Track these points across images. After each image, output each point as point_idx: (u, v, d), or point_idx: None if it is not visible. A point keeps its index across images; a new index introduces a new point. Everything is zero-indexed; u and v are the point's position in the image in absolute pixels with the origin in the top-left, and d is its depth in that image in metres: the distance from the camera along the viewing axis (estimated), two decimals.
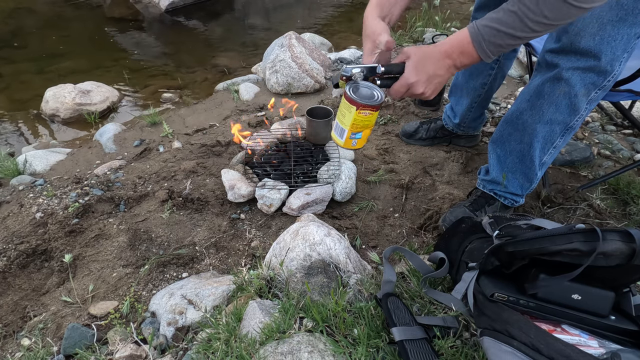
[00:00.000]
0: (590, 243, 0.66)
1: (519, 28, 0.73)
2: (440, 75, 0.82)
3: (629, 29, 0.89)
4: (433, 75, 0.82)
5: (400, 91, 0.84)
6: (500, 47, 0.77)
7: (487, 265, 0.81)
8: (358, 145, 0.92)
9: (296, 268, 1.02)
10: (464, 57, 0.80)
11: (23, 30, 3.59)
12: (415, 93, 0.83)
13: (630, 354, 0.65)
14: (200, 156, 1.77)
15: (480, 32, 0.76)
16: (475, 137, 1.73)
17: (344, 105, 0.86)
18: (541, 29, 0.73)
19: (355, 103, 0.83)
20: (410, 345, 0.76)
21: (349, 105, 0.84)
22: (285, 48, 2.31)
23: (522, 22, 0.72)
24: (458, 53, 0.80)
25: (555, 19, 0.71)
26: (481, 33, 0.76)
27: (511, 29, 0.73)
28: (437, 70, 0.82)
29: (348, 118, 0.86)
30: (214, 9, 4.19)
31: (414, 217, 1.43)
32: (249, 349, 0.82)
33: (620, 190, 1.45)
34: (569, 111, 1.03)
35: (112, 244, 1.35)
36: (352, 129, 0.87)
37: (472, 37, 0.77)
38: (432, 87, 0.84)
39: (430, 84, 0.83)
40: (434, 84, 0.83)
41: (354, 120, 0.85)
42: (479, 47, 0.77)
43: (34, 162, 1.79)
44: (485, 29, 0.76)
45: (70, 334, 1.04)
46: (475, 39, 0.77)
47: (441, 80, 0.83)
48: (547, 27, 0.72)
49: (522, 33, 0.73)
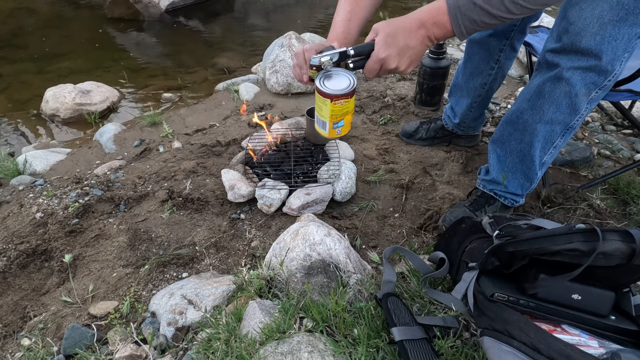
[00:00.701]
0: (590, 243, 0.66)
1: (495, 6, 0.72)
2: (412, 47, 0.79)
3: (630, 28, 0.89)
4: (404, 47, 0.79)
5: (374, 68, 0.81)
6: (475, 24, 0.75)
7: (487, 265, 0.81)
8: (343, 132, 0.91)
9: (296, 268, 1.02)
10: (437, 29, 0.78)
11: (23, 30, 3.59)
12: (389, 68, 0.81)
13: (630, 354, 0.65)
14: (200, 156, 1.77)
15: (457, 3, 0.75)
16: (475, 137, 1.73)
17: (319, 98, 0.84)
18: (517, 11, 0.72)
19: (329, 95, 0.81)
20: (410, 345, 0.76)
21: (322, 99, 0.83)
22: (285, 48, 2.31)
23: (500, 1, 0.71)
24: (431, 23, 0.77)
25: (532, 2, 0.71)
26: (458, 5, 0.75)
27: (488, 4, 0.72)
28: (409, 42, 0.79)
29: (325, 111, 0.85)
30: (214, 9, 4.19)
31: (414, 217, 1.43)
32: (249, 349, 0.82)
33: (620, 190, 1.45)
34: (570, 111, 1.03)
35: (112, 244, 1.36)
36: (332, 119, 0.86)
37: (449, 8, 0.75)
38: (406, 61, 0.81)
39: (403, 57, 0.80)
40: (407, 56, 0.80)
41: (332, 111, 0.84)
42: (454, 19, 0.75)
43: (34, 162, 1.79)
44: (464, 1, 0.74)
45: (70, 334, 1.04)
46: (451, 11, 0.75)
47: (414, 52, 0.80)
48: (523, 10, 0.72)
49: (498, 12, 0.73)
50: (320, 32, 3.22)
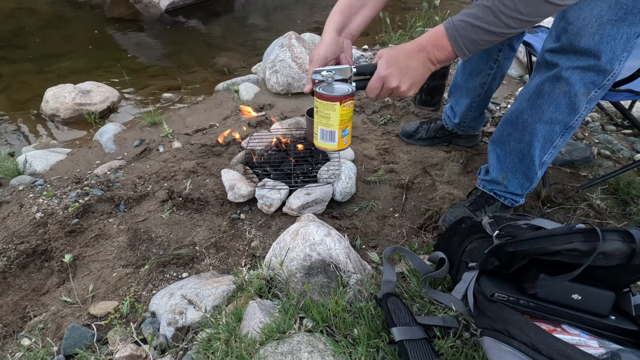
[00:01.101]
0: (590, 243, 0.66)
1: (493, 23, 0.73)
2: (413, 68, 0.81)
3: (629, 28, 0.89)
4: (406, 68, 0.81)
5: (375, 86, 0.83)
6: (476, 43, 0.76)
7: (487, 265, 0.81)
8: (349, 142, 0.93)
9: (296, 268, 1.02)
10: (438, 51, 0.79)
11: (23, 30, 3.59)
12: (390, 87, 0.82)
13: (630, 354, 0.65)
14: (200, 156, 1.77)
15: (455, 26, 0.76)
16: (475, 137, 1.73)
17: (324, 106, 0.85)
18: (516, 25, 0.72)
19: (337, 98, 0.83)
20: (410, 345, 0.76)
21: (330, 104, 0.84)
22: (285, 48, 2.31)
23: (497, 17, 0.72)
24: (432, 46, 0.79)
25: (530, 14, 0.70)
26: (456, 28, 0.76)
27: (485, 23, 0.73)
28: (410, 63, 0.81)
29: (334, 117, 0.85)
30: (214, 9, 4.19)
31: (414, 217, 1.43)
32: (249, 349, 0.82)
33: (620, 190, 1.45)
34: (569, 110, 1.03)
35: (112, 244, 1.36)
36: (341, 126, 0.87)
37: (447, 32, 0.77)
38: (407, 81, 0.82)
39: (405, 76, 0.81)
40: (408, 77, 0.81)
41: (341, 116, 0.85)
42: (454, 41, 0.77)
43: (34, 162, 1.79)
44: (461, 23, 0.75)
45: (70, 334, 1.04)
46: (450, 34, 0.77)
47: (416, 74, 0.82)
48: (521, 23, 0.72)
49: (497, 28, 0.73)
50: (320, 32, 3.22)
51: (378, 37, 3.19)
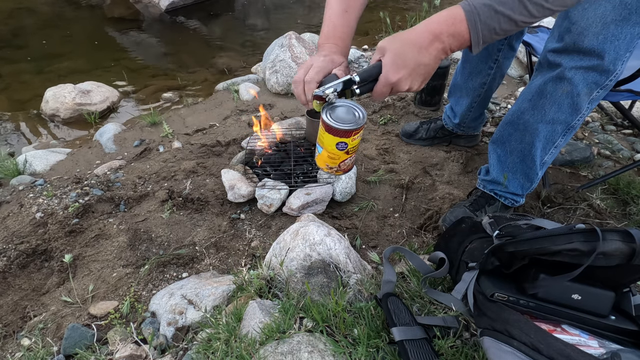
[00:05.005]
0: (590, 243, 0.66)
1: (517, 10, 0.67)
2: (425, 64, 0.71)
3: (632, 28, 0.89)
4: (416, 67, 0.71)
5: (383, 92, 0.74)
6: (493, 33, 0.69)
7: (487, 265, 0.81)
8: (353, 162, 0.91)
9: (296, 268, 1.02)
10: (454, 40, 0.69)
11: (23, 30, 3.59)
12: (401, 91, 0.74)
13: (630, 354, 0.65)
14: (200, 156, 1.77)
15: (477, 10, 0.67)
16: (475, 137, 1.73)
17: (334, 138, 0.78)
18: (539, 14, 0.68)
19: (350, 132, 0.76)
20: (410, 345, 0.76)
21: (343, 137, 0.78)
22: (285, 48, 2.31)
23: (522, 4, 0.66)
24: (448, 34, 0.69)
25: (554, 3, 0.67)
26: (478, 12, 0.67)
27: (510, 10, 0.66)
28: (422, 59, 0.70)
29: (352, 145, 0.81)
30: (214, 9, 4.19)
31: (414, 217, 1.43)
32: (249, 349, 0.82)
33: (620, 190, 1.45)
34: (571, 111, 1.03)
35: (112, 244, 1.35)
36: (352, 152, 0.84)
37: (467, 16, 0.67)
38: (418, 80, 0.73)
39: (416, 76, 0.72)
40: (420, 75, 0.72)
41: (353, 146, 0.82)
42: (473, 28, 0.68)
43: (34, 162, 1.79)
44: (484, 8, 0.67)
45: (70, 334, 1.04)
46: (470, 18, 0.67)
47: (427, 69, 0.72)
48: (544, 12, 0.68)
49: (520, 16, 0.67)
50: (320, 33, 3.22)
51: (378, 37, 3.19)
